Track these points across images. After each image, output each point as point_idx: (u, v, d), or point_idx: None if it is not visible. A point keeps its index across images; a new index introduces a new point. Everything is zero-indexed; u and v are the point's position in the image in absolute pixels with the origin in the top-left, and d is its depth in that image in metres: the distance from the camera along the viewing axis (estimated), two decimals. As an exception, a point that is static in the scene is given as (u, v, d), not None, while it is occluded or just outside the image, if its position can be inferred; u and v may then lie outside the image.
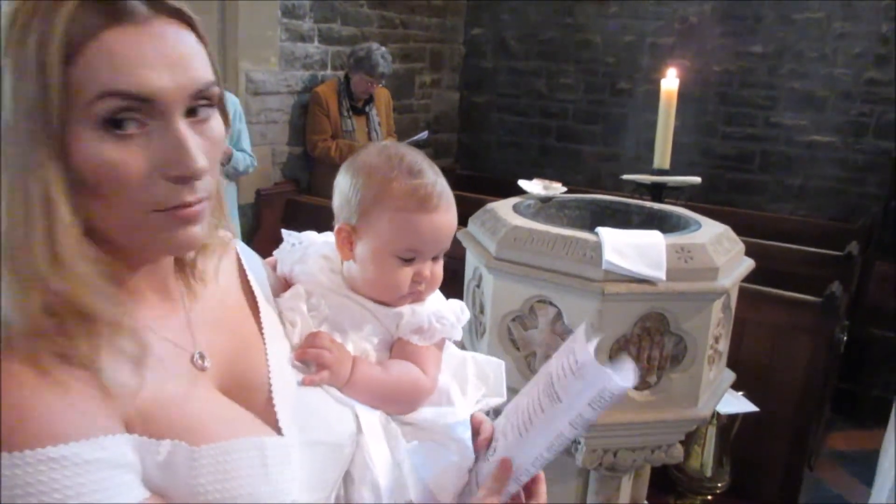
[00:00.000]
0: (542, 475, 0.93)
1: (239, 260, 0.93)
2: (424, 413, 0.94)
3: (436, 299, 1.01)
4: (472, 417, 0.97)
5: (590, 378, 0.78)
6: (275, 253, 1.03)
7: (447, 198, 0.95)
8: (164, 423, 0.68)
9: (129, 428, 0.66)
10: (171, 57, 0.66)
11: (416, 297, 0.97)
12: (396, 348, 0.96)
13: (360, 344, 0.94)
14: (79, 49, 0.62)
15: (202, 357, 0.78)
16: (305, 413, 0.83)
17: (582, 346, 0.80)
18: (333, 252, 1.00)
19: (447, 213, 0.95)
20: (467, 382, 1.02)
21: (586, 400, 0.79)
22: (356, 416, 0.87)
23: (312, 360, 0.88)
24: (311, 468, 0.80)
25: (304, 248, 1.01)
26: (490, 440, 0.93)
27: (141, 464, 0.66)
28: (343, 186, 0.97)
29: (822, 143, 4.86)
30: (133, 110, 0.64)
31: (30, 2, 0.62)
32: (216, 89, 0.70)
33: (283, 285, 0.98)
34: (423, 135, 4.35)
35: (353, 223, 0.95)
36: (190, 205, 0.68)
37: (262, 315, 0.88)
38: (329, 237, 1.01)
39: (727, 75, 5.06)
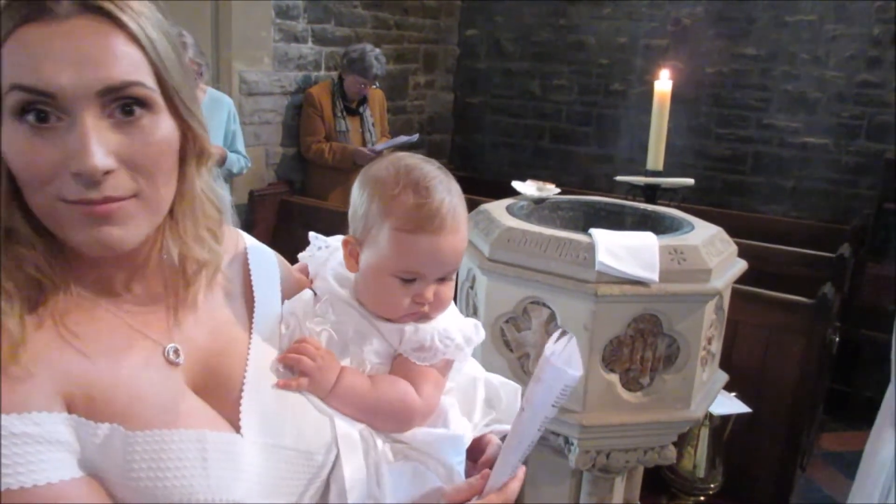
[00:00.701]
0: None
1: (246, 260, 0.93)
2: (416, 433, 0.91)
3: (447, 317, 0.97)
4: (482, 438, 0.95)
5: (548, 378, 0.79)
6: (299, 256, 1.02)
7: (454, 218, 0.90)
8: (109, 406, 0.70)
9: (71, 408, 0.68)
10: (79, 54, 0.66)
11: (420, 316, 0.93)
12: (395, 364, 0.93)
13: (362, 356, 0.92)
14: (1, 44, 0.65)
15: (176, 352, 0.79)
16: (277, 417, 0.82)
17: (547, 349, 0.80)
18: None
19: (452, 235, 0.90)
20: (474, 405, 0.99)
21: (550, 402, 0.79)
22: (334, 427, 0.86)
23: (292, 364, 0.86)
24: (273, 472, 0.79)
25: (330, 252, 0.99)
26: (493, 462, 0.90)
27: (79, 444, 0.68)
28: (353, 196, 0.94)
29: (814, 145, 4.87)
30: (42, 104, 0.66)
31: None
32: (142, 90, 0.69)
33: (306, 287, 0.97)
34: (413, 138, 4.32)
35: (357, 236, 0.93)
36: (94, 202, 0.68)
37: (256, 316, 0.88)
38: None
39: (720, 77, 5.08)
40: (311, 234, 1.03)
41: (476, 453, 0.97)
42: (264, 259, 0.96)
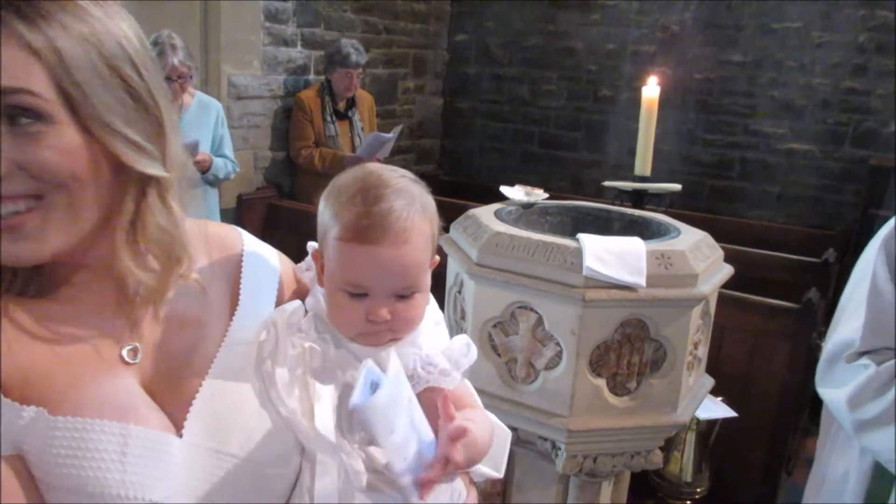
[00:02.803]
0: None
1: (240, 263, 0.91)
2: (394, 465, 0.81)
3: (434, 339, 0.91)
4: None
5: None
6: (295, 267, 0.98)
7: (402, 230, 0.83)
8: (42, 390, 0.72)
9: (6, 390, 0.70)
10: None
11: (381, 338, 0.87)
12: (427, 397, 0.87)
13: (345, 379, 0.86)
14: None
15: (134, 351, 0.80)
16: (226, 424, 0.80)
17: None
18: None
19: (397, 247, 0.83)
20: None
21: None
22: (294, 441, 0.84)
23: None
24: (210, 477, 0.78)
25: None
26: None
27: (7, 425, 0.69)
28: (320, 206, 0.90)
29: (800, 151, 4.92)
30: None
31: None
32: (29, 99, 0.67)
33: (306, 294, 0.94)
34: (390, 136, 4.28)
35: (319, 248, 0.90)
36: None
37: (234, 322, 0.86)
38: None
39: (708, 83, 5.12)
40: (310, 245, 0.95)
41: None
42: (262, 264, 0.93)
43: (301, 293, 0.96)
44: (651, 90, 2.48)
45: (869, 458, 1.51)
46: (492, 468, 0.99)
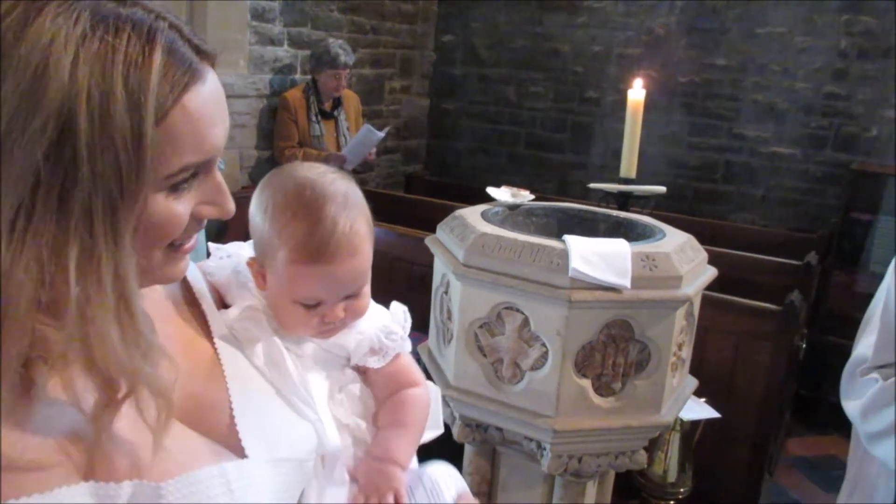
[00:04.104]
0: None
1: (186, 279, 0.88)
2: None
3: (380, 314, 0.97)
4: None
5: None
6: (201, 267, 0.94)
7: (350, 241, 0.85)
8: (123, 462, 0.66)
9: (86, 473, 0.64)
10: (224, 109, 0.69)
11: (335, 332, 0.91)
12: (368, 376, 0.95)
13: (313, 375, 0.89)
14: (166, 114, 0.62)
15: None
16: (270, 431, 0.81)
17: None
18: None
19: (350, 260, 0.86)
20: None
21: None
22: (323, 433, 0.86)
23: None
24: (278, 486, 0.78)
25: (234, 264, 0.94)
26: None
27: None
28: (252, 211, 0.89)
29: (783, 155, 4.97)
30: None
31: (91, 47, 0.58)
32: None
33: (219, 300, 0.92)
34: (384, 131, 4.28)
35: (258, 259, 0.89)
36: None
37: (214, 334, 0.85)
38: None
39: (692, 87, 5.16)
40: (211, 246, 0.96)
41: None
42: (198, 277, 0.91)
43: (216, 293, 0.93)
44: (636, 93, 2.49)
45: None
46: (433, 429, 1.04)
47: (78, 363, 0.61)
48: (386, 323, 0.96)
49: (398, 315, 0.99)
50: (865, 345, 1.55)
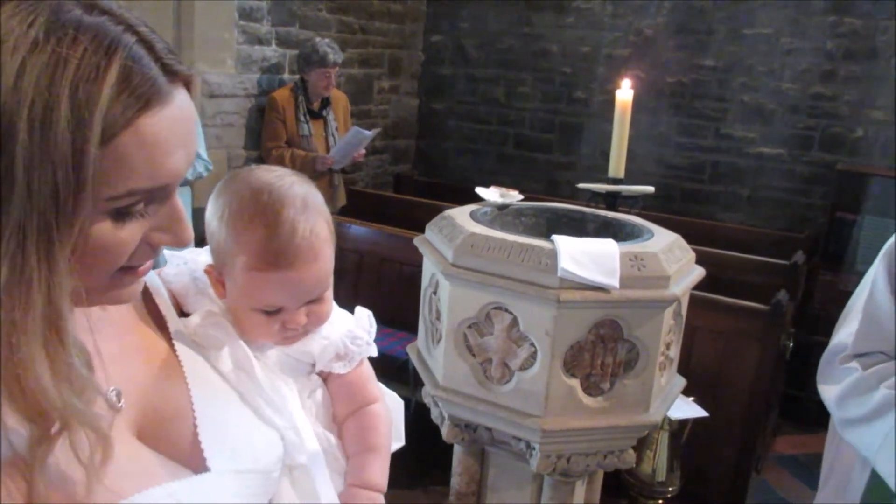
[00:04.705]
0: None
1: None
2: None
3: (344, 319, 0.96)
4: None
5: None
6: (161, 275, 0.91)
7: (310, 246, 0.83)
8: (58, 496, 0.62)
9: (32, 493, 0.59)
10: (189, 134, 0.65)
11: (297, 338, 0.90)
12: (334, 388, 0.94)
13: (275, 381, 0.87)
14: (114, 135, 0.57)
15: (118, 395, 0.71)
16: (233, 441, 0.77)
17: None
18: None
19: (310, 265, 0.84)
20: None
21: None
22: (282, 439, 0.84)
23: None
24: (241, 497, 0.75)
25: (191, 270, 0.91)
26: None
27: None
28: (207, 217, 0.87)
29: (770, 155, 5.00)
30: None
31: (41, 56, 0.54)
32: None
33: (177, 307, 0.89)
34: (374, 131, 4.27)
35: (216, 265, 0.87)
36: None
37: (174, 340, 0.81)
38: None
39: (680, 87, 5.18)
40: (167, 252, 0.92)
41: None
42: (157, 283, 0.88)
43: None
44: (624, 93, 2.50)
45: None
46: (395, 441, 1.04)
47: (5, 394, 0.56)
48: (350, 328, 0.95)
49: (363, 320, 0.98)
50: (846, 333, 1.57)
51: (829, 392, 1.59)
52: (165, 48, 0.62)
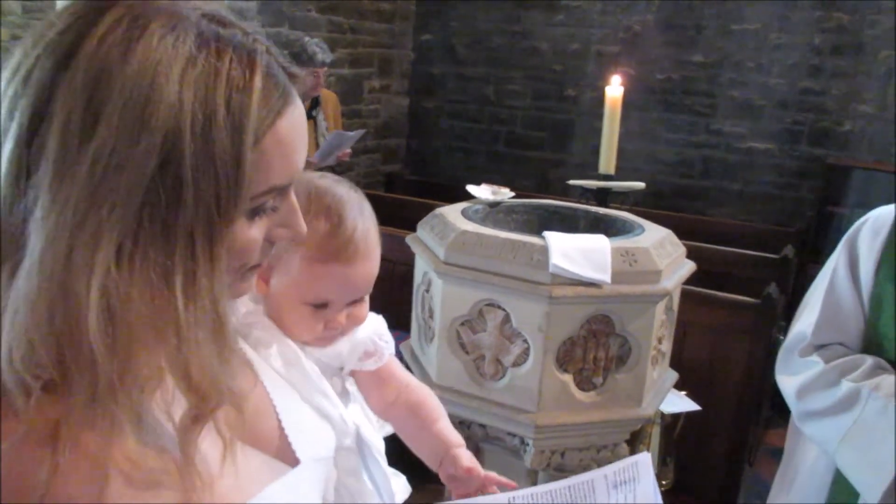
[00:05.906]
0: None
1: None
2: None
3: (369, 320, 0.99)
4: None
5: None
6: None
7: (367, 245, 0.89)
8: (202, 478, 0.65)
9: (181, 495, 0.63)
10: (305, 131, 0.68)
11: (334, 340, 0.93)
12: (364, 382, 0.98)
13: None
14: (260, 138, 0.62)
15: None
16: (309, 432, 0.82)
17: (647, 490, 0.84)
18: None
19: (365, 262, 0.89)
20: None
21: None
22: (357, 433, 0.90)
23: None
24: (323, 483, 0.82)
25: None
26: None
27: None
28: None
29: (759, 150, 5.02)
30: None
31: (196, 70, 0.58)
32: None
33: None
34: (357, 132, 4.26)
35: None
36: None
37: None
38: None
39: (669, 83, 5.20)
40: None
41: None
42: None
43: None
44: (614, 90, 2.51)
45: None
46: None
47: (173, 382, 0.61)
48: (376, 326, 0.98)
49: (380, 322, 1.02)
50: (806, 323, 1.54)
51: (788, 383, 1.56)
52: (279, 52, 0.67)
